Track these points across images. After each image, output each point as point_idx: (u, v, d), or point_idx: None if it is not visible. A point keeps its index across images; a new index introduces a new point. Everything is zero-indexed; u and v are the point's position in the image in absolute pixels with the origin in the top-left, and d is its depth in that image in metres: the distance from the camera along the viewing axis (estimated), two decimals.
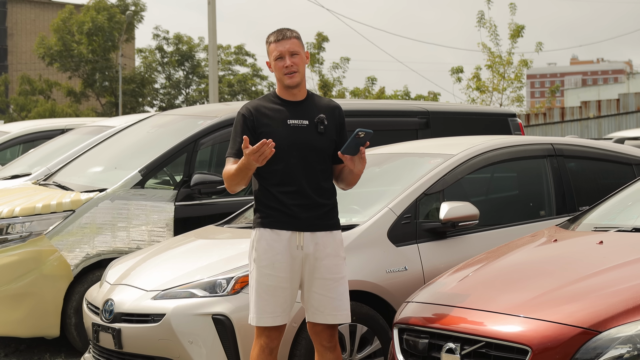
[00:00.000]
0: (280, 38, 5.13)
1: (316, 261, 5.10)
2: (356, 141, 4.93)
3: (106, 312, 6.26)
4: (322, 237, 5.11)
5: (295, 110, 5.15)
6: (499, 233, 6.63)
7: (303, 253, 5.08)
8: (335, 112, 5.22)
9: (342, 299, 5.15)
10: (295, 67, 5.10)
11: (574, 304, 4.40)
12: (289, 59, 5.10)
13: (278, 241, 5.07)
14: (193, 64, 56.91)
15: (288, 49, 5.11)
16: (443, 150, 6.95)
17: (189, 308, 5.86)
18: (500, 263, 5.17)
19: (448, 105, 10.78)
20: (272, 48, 5.15)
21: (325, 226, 5.13)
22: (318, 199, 5.11)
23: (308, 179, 5.08)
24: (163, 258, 6.56)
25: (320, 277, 5.10)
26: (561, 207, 6.96)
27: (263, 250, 5.08)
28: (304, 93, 5.22)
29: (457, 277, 5.12)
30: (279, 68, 5.12)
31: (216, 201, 8.02)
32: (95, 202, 7.75)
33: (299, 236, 5.08)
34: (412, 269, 6.24)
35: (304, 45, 5.24)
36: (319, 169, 5.10)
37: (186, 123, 8.66)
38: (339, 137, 5.19)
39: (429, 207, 6.53)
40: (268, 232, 5.09)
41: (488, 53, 29.30)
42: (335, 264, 5.14)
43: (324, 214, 5.13)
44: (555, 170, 7.06)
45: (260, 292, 5.08)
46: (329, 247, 5.12)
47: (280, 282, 5.07)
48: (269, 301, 5.06)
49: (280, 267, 5.06)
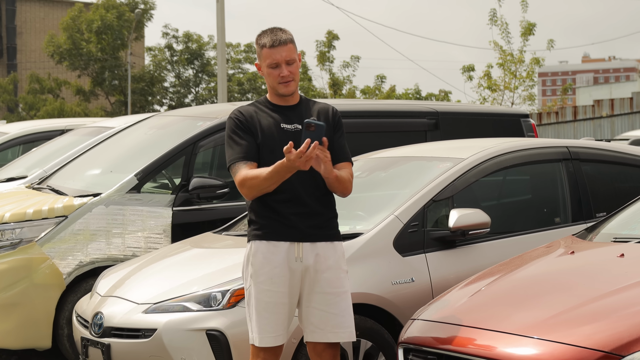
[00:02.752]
0: (277, 44, 4.76)
1: (316, 274, 4.74)
2: (309, 135, 4.48)
3: (95, 326, 5.94)
4: (323, 248, 4.76)
5: (288, 114, 4.82)
6: (512, 242, 6.28)
7: (302, 265, 4.73)
8: (328, 113, 4.86)
9: (345, 315, 4.78)
10: (292, 76, 4.77)
11: (593, 325, 4.04)
12: (285, 68, 4.76)
13: (276, 253, 4.72)
14: (203, 63, 56.68)
15: (284, 57, 4.76)
16: (452, 154, 6.60)
17: (181, 323, 5.53)
18: (514, 277, 4.81)
19: (458, 106, 10.41)
20: (267, 54, 4.78)
21: (326, 236, 4.78)
22: (317, 207, 4.76)
23: (305, 186, 4.73)
24: (156, 268, 6.24)
25: (320, 292, 4.75)
26: (577, 214, 6.60)
27: (260, 264, 4.73)
28: (297, 97, 4.88)
29: (467, 292, 4.77)
30: (273, 76, 4.78)
31: (216, 206, 7.71)
32: (89, 208, 7.46)
33: (297, 247, 4.73)
34: (420, 280, 5.89)
35: (296, 46, 4.88)
36: (317, 175, 4.74)
37: (185, 124, 8.35)
38: (334, 140, 4.82)
39: (437, 215, 6.18)
40: (264, 244, 4.74)
41: (500, 51, 29.04)
42: (337, 277, 4.78)
43: (324, 223, 4.79)
44: (570, 174, 6.70)
45: (260, 310, 4.72)
46: (330, 259, 4.77)
47: (280, 298, 4.72)
48: (269, 319, 4.71)
49: (279, 282, 4.71)
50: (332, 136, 4.82)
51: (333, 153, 4.77)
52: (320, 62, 34.56)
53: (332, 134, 4.83)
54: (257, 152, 4.74)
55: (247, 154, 4.72)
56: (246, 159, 4.72)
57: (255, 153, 4.74)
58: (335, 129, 4.86)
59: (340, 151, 4.84)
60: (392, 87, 36.48)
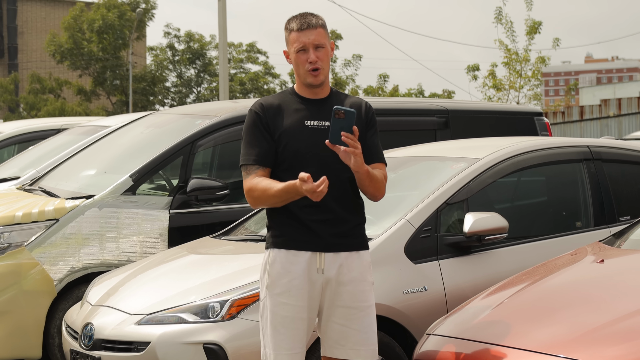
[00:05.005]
0: (305, 27, 4.35)
1: (339, 286, 4.32)
2: (339, 124, 4.10)
3: (85, 338, 5.56)
4: (347, 259, 4.34)
5: (315, 110, 4.38)
6: (530, 248, 5.89)
7: (324, 277, 4.31)
8: (362, 108, 4.44)
9: (369, 332, 4.35)
10: (320, 63, 4.34)
11: (627, 345, 3.65)
12: (313, 52, 4.34)
13: (295, 263, 4.30)
14: (204, 62, 56.45)
15: (313, 41, 4.35)
16: (467, 154, 6.20)
17: (177, 335, 5.15)
18: (538, 289, 4.41)
19: (469, 103, 10.00)
20: (294, 37, 4.37)
21: (350, 245, 4.35)
22: (343, 214, 4.34)
23: (331, 190, 4.25)
24: (150, 276, 5.85)
25: (342, 305, 4.33)
26: (599, 218, 6.20)
27: (277, 274, 4.32)
28: (327, 90, 4.45)
29: (487, 305, 4.37)
30: (301, 62, 4.36)
31: (215, 209, 7.35)
32: (82, 210, 7.11)
33: (319, 257, 4.31)
34: (433, 289, 5.50)
35: (329, 34, 4.47)
36: (344, 177, 4.32)
37: (183, 123, 7.98)
38: (366, 138, 4.41)
39: (451, 219, 5.78)
40: (283, 253, 4.32)
41: (505, 50, 28.70)
42: (362, 291, 4.35)
43: (349, 230, 4.36)
44: (592, 175, 6.29)
45: (276, 325, 4.30)
46: (355, 271, 4.34)
47: (298, 312, 4.30)
48: (286, 335, 4.29)
49: (297, 295, 4.29)
50: (364, 134, 4.40)
51: (365, 152, 4.33)
52: None
53: (365, 132, 4.41)
54: (273, 155, 4.33)
55: (262, 158, 4.33)
56: (259, 163, 4.33)
57: (271, 157, 4.34)
58: (368, 126, 4.44)
59: (372, 150, 4.42)
60: (395, 86, 36.25)
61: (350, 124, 4.10)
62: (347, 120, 4.09)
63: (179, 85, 57.01)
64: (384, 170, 4.45)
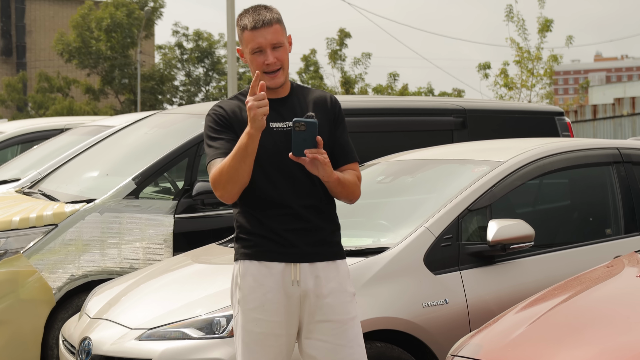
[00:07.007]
0: (260, 25, 3.98)
1: (318, 299, 3.99)
2: (300, 136, 3.78)
3: (83, 353, 5.22)
4: (324, 269, 4.01)
5: (277, 110, 4.02)
6: (558, 257, 5.53)
7: (300, 290, 3.98)
8: (327, 104, 4.09)
9: (354, 346, 4.02)
10: (279, 64, 4.00)
11: None
12: (271, 53, 3.99)
13: (268, 276, 3.97)
14: (213, 61, 56.30)
15: (270, 41, 3.99)
16: (489, 157, 5.84)
17: (180, 352, 4.80)
18: (574, 305, 4.04)
19: (487, 102, 9.63)
20: (248, 37, 4.01)
21: (326, 255, 4.03)
22: (316, 221, 4.01)
23: (300, 196, 3.96)
24: (153, 287, 5.51)
25: (324, 320, 3.99)
26: (630, 225, 5.84)
27: (249, 288, 3.98)
28: (287, 88, 4.10)
29: (517, 322, 4.01)
30: (258, 64, 3.99)
31: (222, 213, 7.02)
32: (82, 215, 6.80)
33: (294, 269, 3.98)
34: (454, 301, 5.14)
35: (285, 28, 4.10)
36: (314, 181, 3.99)
37: (188, 123, 7.66)
38: (335, 136, 4.07)
39: (473, 226, 5.42)
40: (255, 265, 3.98)
41: (516, 48, 28.37)
42: (342, 302, 4.02)
43: (324, 239, 4.03)
44: (622, 179, 5.93)
45: (248, 343, 3.98)
46: (333, 281, 4.01)
47: (273, 329, 3.97)
48: (259, 353, 3.97)
49: (272, 309, 3.96)
50: (333, 132, 4.07)
51: (334, 152, 4.03)
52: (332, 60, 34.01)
53: (334, 130, 4.08)
54: None
55: (226, 150, 3.95)
56: (225, 155, 3.94)
57: None
58: (337, 123, 4.10)
59: (343, 150, 4.09)
60: (404, 85, 35.91)
61: (313, 135, 3.80)
62: (309, 131, 3.78)
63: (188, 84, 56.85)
64: (357, 170, 4.11)
